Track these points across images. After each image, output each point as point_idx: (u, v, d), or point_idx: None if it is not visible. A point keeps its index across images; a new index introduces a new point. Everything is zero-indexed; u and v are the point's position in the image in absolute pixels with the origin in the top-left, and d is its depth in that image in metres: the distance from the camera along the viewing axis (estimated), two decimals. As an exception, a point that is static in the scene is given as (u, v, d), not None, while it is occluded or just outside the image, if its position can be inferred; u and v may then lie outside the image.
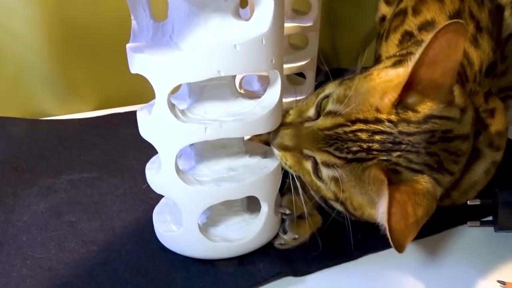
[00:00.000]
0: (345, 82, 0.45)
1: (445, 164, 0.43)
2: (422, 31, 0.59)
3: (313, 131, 0.44)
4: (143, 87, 0.90)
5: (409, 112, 0.41)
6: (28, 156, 0.67)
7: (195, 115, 0.44)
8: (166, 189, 0.46)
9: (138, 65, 0.41)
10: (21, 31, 0.76)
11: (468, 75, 0.54)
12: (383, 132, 0.41)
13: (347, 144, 0.42)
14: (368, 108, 0.42)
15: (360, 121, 0.41)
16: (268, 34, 0.40)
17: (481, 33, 0.57)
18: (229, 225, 0.50)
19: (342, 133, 0.42)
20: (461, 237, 0.54)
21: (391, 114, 0.41)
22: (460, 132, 0.44)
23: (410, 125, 0.41)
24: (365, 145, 0.41)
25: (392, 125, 0.41)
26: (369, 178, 0.41)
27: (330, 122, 0.43)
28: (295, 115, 0.47)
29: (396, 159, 0.41)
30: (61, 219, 0.55)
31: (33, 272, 0.47)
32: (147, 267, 0.48)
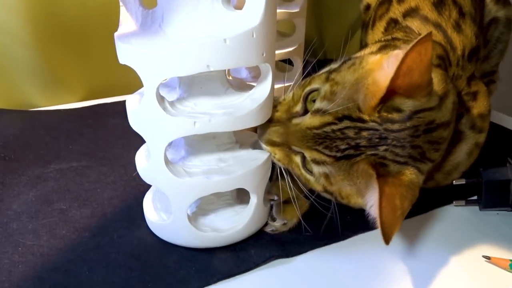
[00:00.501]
0: (331, 77, 0.45)
1: (427, 154, 0.45)
2: (407, 17, 0.60)
3: (302, 130, 0.44)
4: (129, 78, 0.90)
5: (393, 113, 0.42)
6: (16, 146, 0.66)
7: (185, 107, 0.44)
8: (155, 180, 0.47)
9: (126, 56, 0.41)
10: (5, 21, 0.75)
11: (451, 59, 0.55)
12: (369, 129, 0.42)
13: (335, 143, 0.43)
14: (353, 106, 0.43)
15: (346, 118, 0.42)
16: (259, 28, 0.40)
17: (464, 18, 0.58)
18: (219, 215, 0.50)
19: (330, 131, 0.43)
20: (447, 216, 0.55)
21: (373, 116, 0.42)
22: (442, 120, 0.45)
23: (394, 124, 0.42)
24: (353, 142, 0.42)
25: (377, 124, 0.42)
26: (358, 172, 0.43)
27: (318, 121, 0.43)
28: (283, 111, 0.47)
29: (383, 153, 0.42)
30: (52, 207, 0.55)
31: (25, 258, 0.47)
32: (140, 251, 0.48)
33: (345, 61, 0.47)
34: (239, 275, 0.46)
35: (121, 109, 0.82)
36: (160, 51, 0.38)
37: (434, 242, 0.51)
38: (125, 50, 0.41)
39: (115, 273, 0.45)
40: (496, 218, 0.55)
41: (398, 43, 0.55)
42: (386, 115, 0.42)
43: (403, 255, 0.50)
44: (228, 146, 0.48)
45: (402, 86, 0.41)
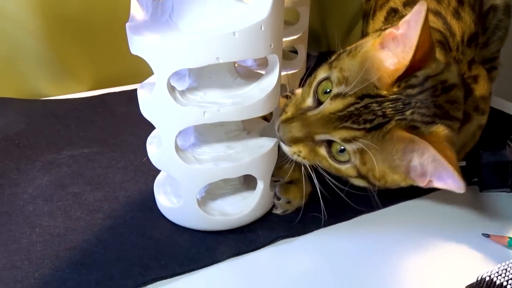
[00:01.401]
0: (334, 65, 0.46)
1: (451, 113, 0.46)
2: (407, 7, 0.62)
3: (325, 116, 0.45)
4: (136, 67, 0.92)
5: (411, 79, 0.43)
6: (29, 134, 0.68)
7: (195, 96, 0.46)
8: (166, 166, 0.48)
9: (137, 47, 0.42)
10: (14, 12, 0.76)
11: (451, 45, 0.56)
12: (391, 99, 0.43)
13: (362, 117, 0.43)
14: (368, 85, 0.43)
15: (367, 96, 0.43)
16: (267, 20, 0.41)
17: (462, 6, 0.60)
18: (227, 200, 0.52)
19: (354, 110, 0.43)
20: (448, 197, 0.57)
21: (392, 89, 0.43)
22: (453, 80, 0.47)
23: (414, 88, 0.44)
24: (380, 112, 0.43)
25: (397, 94, 0.43)
26: (393, 141, 0.44)
27: (341, 104, 0.44)
28: (293, 109, 0.48)
29: (411, 116, 0.43)
30: (66, 191, 0.57)
31: (42, 238, 0.49)
32: (152, 231, 0.50)
33: (340, 53, 0.49)
34: (247, 254, 0.48)
35: (129, 97, 0.85)
36: (171, 43, 0.40)
37: (435, 221, 0.53)
38: (137, 42, 0.42)
39: (128, 251, 0.47)
40: (495, 199, 0.57)
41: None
42: (405, 84, 0.43)
43: (406, 234, 0.51)
44: (236, 134, 0.50)
45: (417, 61, 0.43)
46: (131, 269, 0.45)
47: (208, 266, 0.46)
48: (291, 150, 0.48)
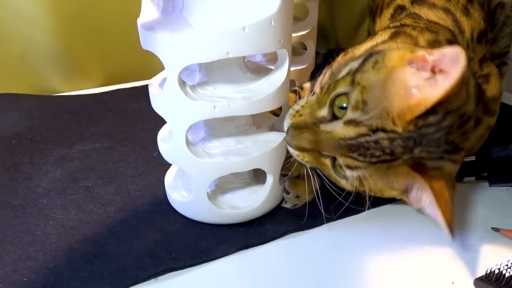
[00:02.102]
0: (356, 80, 0.43)
1: (460, 145, 0.45)
2: (414, 4, 0.61)
3: (335, 140, 0.43)
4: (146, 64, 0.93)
5: (429, 117, 0.41)
6: (41, 129, 0.69)
7: (205, 91, 0.46)
8: (177, 160, 0.49)
9: (149, 43, 0.43)
10: (27, 10, 0.77)
11: (460, 43, 0.56)
12: (404, 138, 0.42)
13: (370, 150, 0.42)
14: (386, 117, 0.41)
15: (380, 130, 0.42)
16: (277, 15, 0.41)
17: (472, 3, 0.59)
18: (236, 193, 0.53)
19: (364, 142, 0.42)
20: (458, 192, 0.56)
21: (409, 127, 0.41)
22: (471, 110, 0.45)
23: (430, 127, 0.42)
24: (388, 150, 0.42)
25: (412, 132, 0.41)
26: (396, 174, 0.44)
27: (353, 132, 0.42)
28: (307, 116, 0.46)
29: (418, 154, 0.42)
30: (78, 184, 0.58)
31: (56, 230, 0.50)
32: (163, 224, 0.51)
33: (366, 58, 0.45)
34: (256, 247, 0.48)
35: (139, 93, 0.85)
36: (182, 38, 0.41)
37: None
38: (148, 37, 0.43)
39: (140, 243, 0.48)
40: (505, 193, 0.57)
41: (408, 30, 0.55)
42: (422, 123, 0.41)
43: (415, 228, 0.52)
44: (245, 128, 0.50)
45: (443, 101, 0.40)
46: (143, 260, 0.46)
47: (218, 258, 0.47)
48: (296, 153, 0.47)
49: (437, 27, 0.55)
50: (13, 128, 0.68)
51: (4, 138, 0.65)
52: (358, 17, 1.05)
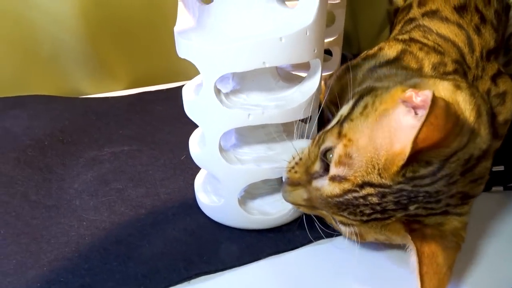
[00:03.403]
0: (343, 132, 0.41)
1: (471, 193, 0.41)
2: (425, 16, 0.59)
3: (323, 198, 0.41)
4: (171, 67, 0.94)
5: (421, 169, 0.37)
6: (72, 131, 0.71)
7: (238, 98, 0.47)
8: (209, 166, 0.50)
9: (185, 51, 0.44)
10: (59, 13, 0.79)
11: (468, 62, 0.53)
12: (394, 192, 0.38)
13: (359, 208, 0.39)
14: (372, 169, 0.38)
15: (367, 185, 0.38)
16: (312, 26, 0.42)
17: (485, 24, 0.58)
18: (265, 199, 0.53)
19: (352, 198, 0.39)
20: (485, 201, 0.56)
21: (397, 179, 0.37)
22: (482, 149, 0.40)
23: (424, 179, 0.38)
24: (379, 207, 0.39)
25: (403, 184, 0.38)
26: (390, 231, 0.41)
27: (338, 189, 0.40)
28: (302, 173, 0.44)
29: (414, 211, 0.39)
30: (109, 187, 0.59)
31: (90, 231, 0.51)
32: (193, 227, 0.52)
33: (357, 100, 0.43)
34: (286, 252, 0.49)
35: (165, 96, 0.87)
36: (219, 48, 0.41)
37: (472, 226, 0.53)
38: (185, 46, 0.44)
39: (172, 246, 0.49)
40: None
41: (415, 49, 0.53)
42: (413, 174, 0.37)
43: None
44: (275, 135, 0.51)
45: (426, 148, 0.36)
46: (176, 263, 0.47)
47: (249, 263, 0.48)
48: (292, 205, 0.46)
49: (445, 46, 0.53)
50: (45, 129, 0.69)
51: (37, 139, 0.67)
52: (380, 22, 1.05)
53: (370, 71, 0.53)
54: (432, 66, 0.50)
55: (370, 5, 1.03)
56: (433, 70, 0.50)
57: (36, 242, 0.50)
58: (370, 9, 1.03)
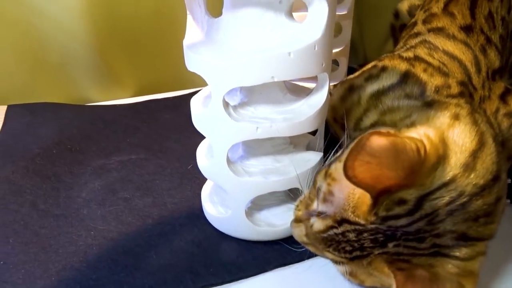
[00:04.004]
0: (329, 171, 0.41)
1: (472, 234, 0.37)
2: (431, 32, 0.58)
3: (314, 233, 0.42)
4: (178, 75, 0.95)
5: (395, 207, 0.36)
6: (80, 139, 0.71)
7: (246, 111, 0.47)
8: (217, 178, 0.50)
9: (194, 65, 0.44)
10: (68, 22, 0.80)
11: (474, 83, 0.52)
12: (369, 230, 0.37)
13: (341, 245, 0.39)
14: (348, 207, 0.38)
15: (345, 221, 0.38)
16: (321, 40, 0.42)
17: (490, 44, 0.57)
18: (272, 211, 0.54)
19: (333, 235, 0.40)
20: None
21: (370, 219, 0.37)
22: (476, 186, 0.36)
23: (400, 219, 0.36)
24: (356, 244, 0.38)
25: (377, 224, 0.37)
26: (376, 271, 0.40)
27: (322, 225, 0.41)
28: (303, 210, 0.46)
29: (394, 249, 0.37)
30: (117, 196, 0.60)
31: (97, 241, 0.52)
32: (200, 238, 0.53)
33: (348, 144, 0.43)
34: (293, 264, 0.49)
35: (172, 104, 0.88)
36: (228, 62, 0.42)
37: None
38: (194, 59, 0.44)
39: (179, 258, 0.50)
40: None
41: (418, 70, 0.51)
42: (386, 213, 0.36)
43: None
44: (283, 147, 0.51)
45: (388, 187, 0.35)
46: (183, 275, 0.47)
47: (256, 275, 0.48)
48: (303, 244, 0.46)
49: (451, 66, 0.52)
50: (53, 137, 0.70)
51: (46, 147, 0.67)
52: (386, 32, 1.05)
53: (374, 98, 0.52)
54: (435, 89, 0.48)
55: (376, 15, 1.03)
56: (435, 93, 0.49)
57: (45, 251, 0.50)
58: (376, 19, 1.04)
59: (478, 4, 0.59)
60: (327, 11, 0.42)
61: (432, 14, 0.61)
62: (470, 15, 0.58)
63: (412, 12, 0.73)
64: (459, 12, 0.59)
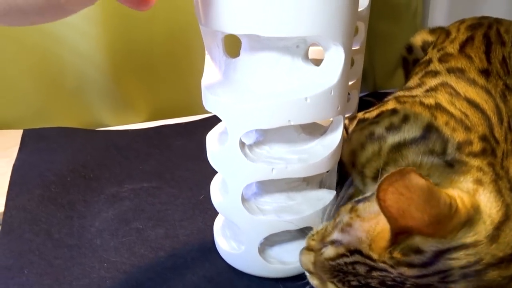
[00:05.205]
0: (355, 207, 0.42)
1: None
2: (452, 74, 0.57)
3: (323, 261, 0.42)
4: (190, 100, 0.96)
5: (411, 254, 0.35)
6: (94, 166, 0.72)
7: (261, 151, 0.48)
8: (231, 215, 0.50)
9: (212, 106, 0.45)
10: (84, 47, 0.82)
11: (497, 136, 0.50)
12: (380, 269, 0.37)
13: (347, 277, 0.39)
14: (365, 240, 0.38)
15: (357, 252, 0.38)
16: (337, 85, 0.43)
17: (509, 90, 0.56)
18: (284, 247, 0.54)
19: (343, 264, 0.39)
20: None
21: (384, 257, 0.36)
22: (495, 258, 0.36)
23: (412, 269, 0.35)
24: (363, 281, 0.38)
25: (388, 266, 0.36)
26: None
27: (333, 252, 0.41)
28: (318, 241, 0.45)
29: None
30: (129, 226, 0.60)
31: (110, 274, 0.52)
32: (212, 273, 0.53)
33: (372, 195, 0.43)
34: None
35: (183, 130, 0.89)
36: (246, 106, 0.42)
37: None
38: (212, 101, 0.45)
39: (191, 293, 0.50)
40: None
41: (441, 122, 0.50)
42: (400, 257, 0.36)
43: None
44: (296, 184, 0.52)
45: (409, 228, 0.35)
46: (195, 312, 0.48)
47: (268, 313, 0.48)
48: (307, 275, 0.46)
49: (473, 117, 0.51)
50: (68, 164, 0.71)
51: (60, 175, 0.68)
52: (396, 60, 1.07)
53: (395, 150, 0.51)
54: (457, 146, 0.48)
55: (385, 44, 1.05)
56: (457, 150, 0.48)
57: (59, 283, 0.51)
58: (386, 48, 1.05)
59: (492, 49, 0.59)
60: (344, 58, 0.43)
61: (447, 53, 0.61)
62: (486, 59, 0.58)
63: (425, 47, 0.74)
64: (476, 56, 0.59)
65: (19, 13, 0.26)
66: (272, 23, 0.38)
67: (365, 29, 0.72)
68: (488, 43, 0.61)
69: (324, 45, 0.43)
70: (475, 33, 0.64)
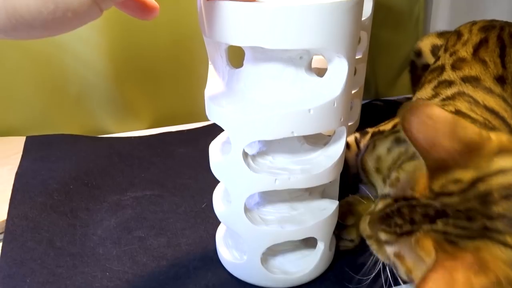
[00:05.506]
0: (403, 166, 0.44)
1: None
2: (467, 83, 0.57)
3: (375, 214, 0.45)
4: (192, 108, 0.96)
5: (449, 185, 0.37)
6: (96, 173, 0.72)
7: (264, 161, 0.48)
8: (234, 225, 0.50)
9: (216, 116, 0.45)
10: (87, 55, 0.82)
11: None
12: (422, 205, 0.39)
13: (393, 220, 0.41)
14: (407, 186, 0.41)
15: (402, 199, 0.41)
16: (340, 97, 0.43)
17: None
18: (286, 257, 0.54)
19: (389, 212, 0.42)
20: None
21: (426, 193, 0.39)
22: None
23: (452, 196, 0.36)
24: (407, 217, 0.40)
25: (430, 200, 0.38)
26: (422, 251, 0.38)
27: (382, 204, 0.44)
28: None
29: (443, 228, 0.37)
30: (132, 234, 0.60)
31: (113, 283, 0.52)
32: (214, 283, 0.53)
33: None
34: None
35: (185, 138, 0.89)
36: (249, 117, 0.43)
37: None
38: (215, 112, 0.45)
39: (194, 303, 0.50)
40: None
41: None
42: (440, 190, 0.37)
43: None
44: (298, 194, 0.52)
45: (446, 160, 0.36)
46: (197, 323, 0.47)
47: (270, 324, 0.48)
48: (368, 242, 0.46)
49: (495, 122, 0.51)
50: (71, 172, 0.71)
51: (63, 183, 0.68)
52: (398, 67, 1.07)
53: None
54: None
55: (388, 51, 1.05)
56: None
57: (61, 292, 0.51)
58: (388, 55, 1.05)
59: (507, 53, 0.58)
60: (347, 69, 0.43)
61: (460, 58, 0.60)
62: (501, 64, 0.57)
63: (435, 51, 0.73)
64: (490, 60, 0.57)
65: (27, 27, 0.26)
66: (277, 36, 0.39)
67: (368, 38, 0.73)
68: (503, 46, 0.60)
69: (328, 57, 0.43)
70: (489, 35, 0.62)
